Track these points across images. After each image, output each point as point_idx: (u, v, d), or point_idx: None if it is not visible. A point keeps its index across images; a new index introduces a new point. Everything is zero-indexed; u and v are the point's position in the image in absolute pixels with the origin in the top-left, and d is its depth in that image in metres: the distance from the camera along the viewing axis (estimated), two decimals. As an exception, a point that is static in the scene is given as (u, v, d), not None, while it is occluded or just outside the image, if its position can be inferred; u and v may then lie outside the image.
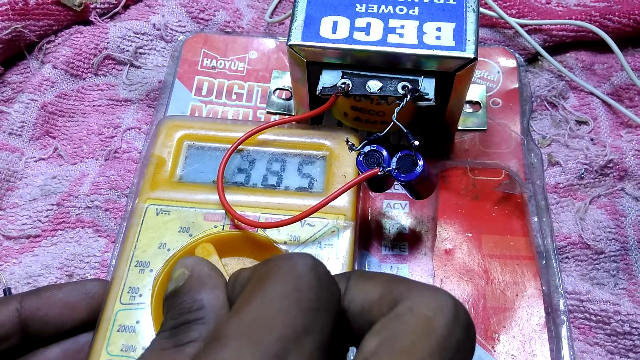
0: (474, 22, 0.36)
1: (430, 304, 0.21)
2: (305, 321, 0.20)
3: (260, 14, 0.51)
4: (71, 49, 0.47)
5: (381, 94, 0.35)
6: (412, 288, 0.22)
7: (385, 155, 0.34)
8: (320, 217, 0.35)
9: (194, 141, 0.39)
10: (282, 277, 0.22)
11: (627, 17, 0.47)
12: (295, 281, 0.21)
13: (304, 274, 0.22)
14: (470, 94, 0.44)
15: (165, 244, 0.34)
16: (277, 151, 0.38)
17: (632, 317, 0.36)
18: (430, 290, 0.22)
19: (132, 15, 0.50)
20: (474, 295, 0.37)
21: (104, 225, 0.41)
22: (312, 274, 0.22)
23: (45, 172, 0.43)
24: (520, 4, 0.49)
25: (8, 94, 0.47)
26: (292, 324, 0.20)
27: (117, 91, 0.47)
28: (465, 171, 0.42)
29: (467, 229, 0.40)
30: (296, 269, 0.22)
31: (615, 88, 0.47)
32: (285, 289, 0.21)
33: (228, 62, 0.48)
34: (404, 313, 0.21)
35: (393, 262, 0.39)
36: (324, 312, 0.21)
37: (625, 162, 0.42)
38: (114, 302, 0.32)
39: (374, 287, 0.22)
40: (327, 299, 0.22)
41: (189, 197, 0.36)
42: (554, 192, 0.42)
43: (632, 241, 0.40)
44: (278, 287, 0.21)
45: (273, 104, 0.46)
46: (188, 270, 0.25)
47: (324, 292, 0.22)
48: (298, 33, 0.36)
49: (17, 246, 0.40)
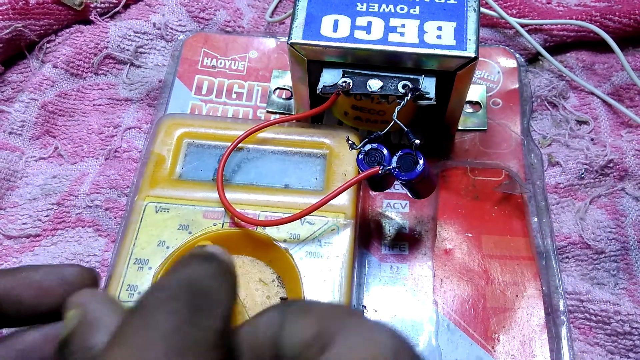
0: (475, 21, 0.36)
1: (363, 351, 0.18)
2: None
3: (260, 13, 0.51)
4: (71, 48, 0.47)
5: (382, 93, 0.35)
6: (347, 327, 0.19)
7: (385, 154, 0.34)
8: (320, 215, 0.35)
9: (193, 139, 0.39)
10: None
11: (628, 17, 0.47)
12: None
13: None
14: (470, 94, 0.44)
15: (164, 242, 0.34)
16: (277, 149, 0.38)
17: (633, 317, 0.36)
18: (368, 330, 0.19)
19: (132, 14, 0.50)
20: (474, 295, 0.37)
21: (104, 225, 0.41)
22: None
23: (46, 172, 0.43)
24: (520, 4, 0.49)
25: (8, 93, 0.47)
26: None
27: (117, 90, 0.47)
28: (465, 171, 0.42)
29: (467, 229, 0.40)
30: None
31: (616, 88, 0.47)
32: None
33: (228, 62, 0.48)
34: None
35: (393, 261, 0.39)
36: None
37: (626, 162, 0.42)
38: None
39: (310, 324, 0.20)
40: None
41: (188, 195, 0.36)
42: (554, 192, 0.42)
43: (633, 241, 0.40)
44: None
45: (273, 104, 0.46)
46: (80, 311, 0.23)
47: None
48: (299, 31, 0.36)
49: (17, 245, 0.40)
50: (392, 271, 0.38)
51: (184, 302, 0.21)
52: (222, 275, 0.25)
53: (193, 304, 0.21)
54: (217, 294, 0.23)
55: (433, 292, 0.38)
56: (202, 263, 0.25)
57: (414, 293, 0.38)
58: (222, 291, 0.23)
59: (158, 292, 0.22)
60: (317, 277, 0.33)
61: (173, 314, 0.21)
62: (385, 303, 0.37)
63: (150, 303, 0.21)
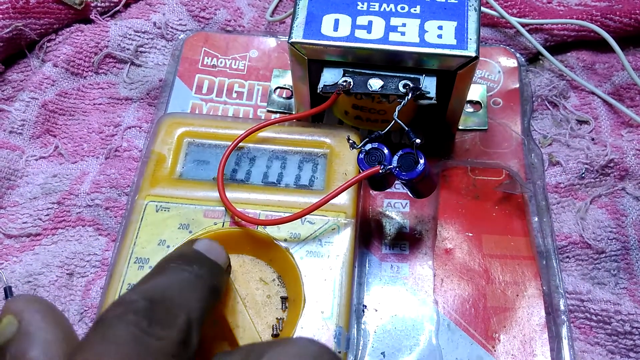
0: (476, 20, 0.36)
1: (287, 357, 0.21)
2: None
3: (261, 12, 0.51)
4: (72, 47, 0.47)
5: (382, 92, 0.35)
6: (272, 345, 0.22)
7: (386, 154, 0.34)
8: (320, 214, 0.35)
9: (194, 138, 0.39)
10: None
11: (628, 16, 0.47)
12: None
13: None
14: (471, 94, 0.44)
15: (164, 241, 0.34)
16: (278, 149, 0.38)
17: (633, 316, 0.36)
18: (290, 343, 0.21)
19: (132, 13, 0.50)
20: (474, 295, 0.37)
21: (104, 224, 0.41)
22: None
23: (46, 171, 0.43)
24: (521, 4, 0.49)
25: (9, 93, 0.47)
26: None
27: (117, 90, 0.47)
28: (465, 171, 0.42)
29: (467, 228, 0.40)
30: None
31: (616, 87, 0.46)
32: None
33: (229, 61, 0.48)
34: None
35: (393, 261, 0.39)
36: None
37: (626, 162, 0.42)
38: (113, 298, 0.32)
39: (238, 353, 0.22)
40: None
41: (188, 194, 0.36)
42: (555, 192, 0.42)
43: (633, 241, 0.40)
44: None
45: (273, 103, 0.46)
46: (16, 319, 0.22)
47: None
48: (299, 31, 0.36)
49: (17, 245, 0.40)
50: (392, 271, 0.38)
51: (142, 313, 0.22)
52: (198, 280, 0.26)
53: (150, 315, 0.22)
54: (180, 303, 0.24)
55: (433, 291, 0.38)
56: (175, 270, 0.26)
57: (414, 292, 0.38)
58: (191, 299, 0.24)
59: (118, 306, 0.22)
60: (318, 277, 0.33)
61: (130, 325, 0.21)
62: (386, 302, 0.37)
63: (110, 316, 0.22)
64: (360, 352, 0.35)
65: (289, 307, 0.34)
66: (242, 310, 0.31)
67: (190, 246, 0.29)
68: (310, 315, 0.32)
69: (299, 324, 0.32)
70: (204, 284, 0.26)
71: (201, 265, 0.27)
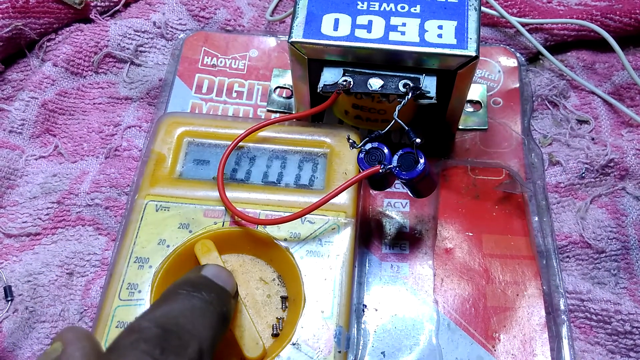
0: (476, 20, 0.36)
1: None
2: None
3: (261, 12, 0.51)
4: (72, 47, 0.47)
5: (382, 92, 0.35)
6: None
7: (386, 153, 0.34)
8: (320, 214, 0.35)
9: (194, 138, 0.39)
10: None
11: (629, 16, 0.47)
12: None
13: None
14: (471, 93, 0.44)
15: (164, 240, 0.34)
16: (278, 148, 0.38)
17: (633, 316, 0.36)
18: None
19: (132, 13, 0.50)
20: (474, 294, 0.37)
21: (104, 223, 0.41)
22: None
23: (46, 170, 0.43)
24: (521, 3, 0.49)
25: (8, 92, 0.47)
26: None
27: (117, 89, 0.47)
28: (466, 170, 0.42)
29: (467, 228, 0.40)
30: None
31: (616, 87, 0.46)
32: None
33: (228, 60, 0.48)
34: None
35: (393, 260, 0.39)
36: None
37: (626, 162, 0.42)
38: (112, 298, 0.32)
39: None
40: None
41: (188, 194, 0.36)
42: (555, 191, 0.42)
43: (633, 240, 0.40)
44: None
45: (273, 102, 0.46)
46: (61, 346, 0.24)
47: None
48: (299, 30, 0.36)
49: (17, 244, 0.40)
50: (392, 270, 0.38)
51: (154, 342, 0.23)
52: (207, 306, 0.27)
53: (163, 344, 0.23)
54: (191, 331, 0.25)
55: (434, 291, 0.38)
56: (185, 297, 0.27)
57: (414, 292, 0.38)
58: (201, 326, 0.25)
59: (130, 333, 0.23)
60: (318, 276, 0.33)
61: (144, 354, 0.22)
62: (386, 302, 0.37)
63: (122, 345, 0.23)
64: (360, 351, 0.35)
65: (289, 306, 0.34)
66: (242, 309, 0.31)
67: (198, 272, 0.29)
68: (310, 314, 0.32)
69: (299, 323, 0.32)
70: (213, 310, 0.27)
71: (209, 292, 0.28)
